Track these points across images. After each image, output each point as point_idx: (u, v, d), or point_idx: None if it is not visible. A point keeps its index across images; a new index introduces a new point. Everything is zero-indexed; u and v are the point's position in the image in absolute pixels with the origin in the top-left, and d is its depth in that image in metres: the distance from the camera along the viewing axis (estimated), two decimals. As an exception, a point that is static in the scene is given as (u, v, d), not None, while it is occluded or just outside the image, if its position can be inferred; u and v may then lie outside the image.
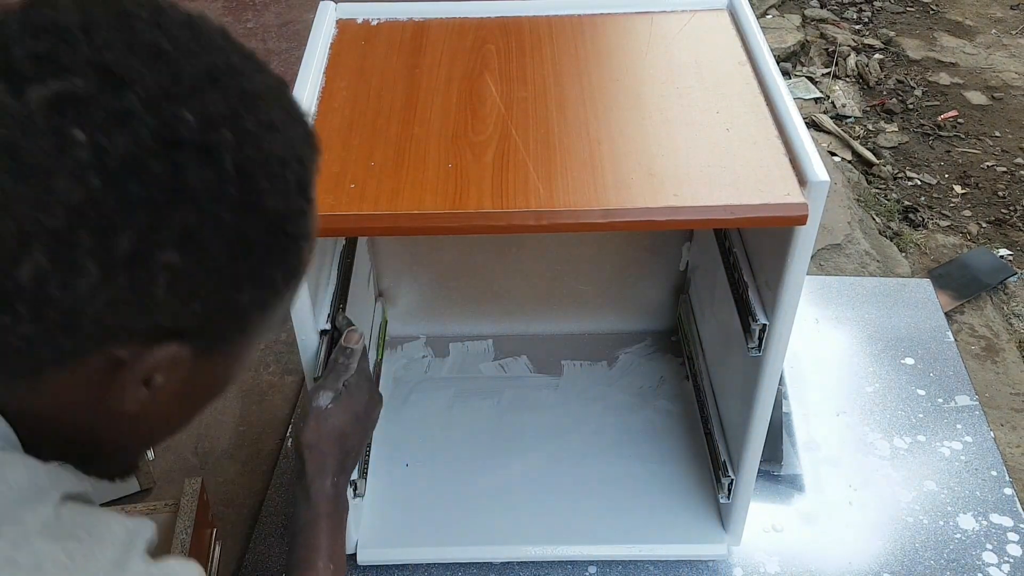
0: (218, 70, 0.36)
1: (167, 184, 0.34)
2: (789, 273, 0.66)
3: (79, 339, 0.36)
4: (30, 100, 0.33)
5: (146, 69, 0.34)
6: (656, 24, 0.82)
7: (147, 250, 0.34)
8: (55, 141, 0.33)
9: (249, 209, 0.36)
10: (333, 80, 0.75)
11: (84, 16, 0.35)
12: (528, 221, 0.62)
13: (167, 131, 0.34)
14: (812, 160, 0.63)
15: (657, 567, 0.89)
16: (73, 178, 0.33)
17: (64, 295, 0.34)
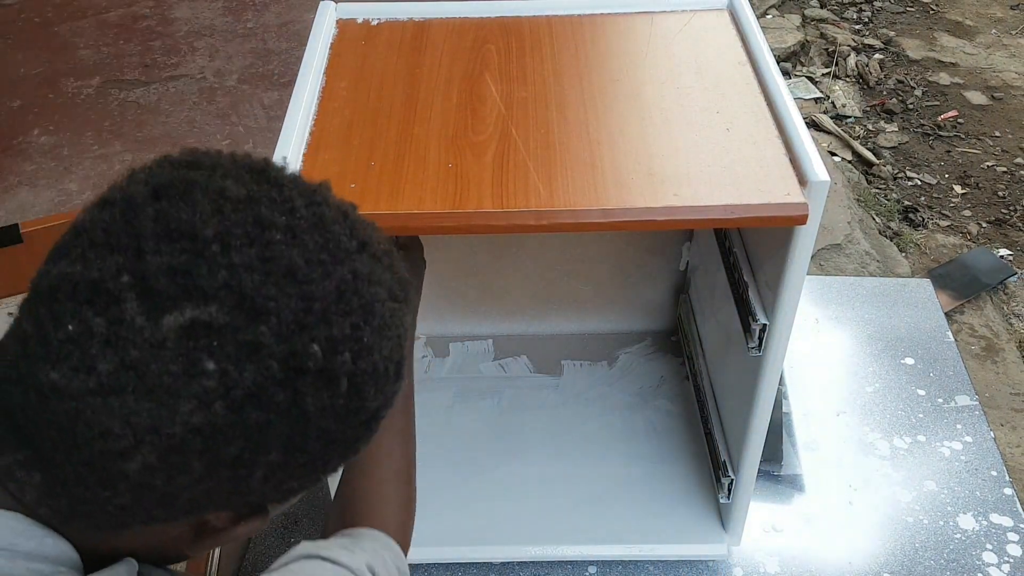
0: (344, 284, 0.36)
1: (286, 410, 0.35)
2: (789, 273, 0.66)
3: (172, 512, 0.38)
4: (164, 326, 0.33)
5: (281, 296, 0.34)
6: (656, 24, 0.82)
7: (252, 456, 0.35)
8: (184, 367, 0.33)
9: (352, 413, 0.37)
10: (333, 80, 0.75)
11: (220, 223, 0.34)
12: (528, 221, 0.62)
13: (295, 362, 0.34)
14: (812, 160, 0.63)
15: (657, 567, 0.89)
16: (198, 404, 0.33)
17: (167, 486, 0.35)
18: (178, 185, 0.36)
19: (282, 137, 0.67)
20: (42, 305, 0.34)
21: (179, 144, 2.21)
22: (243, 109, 2.31)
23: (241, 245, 0.34)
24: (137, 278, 0.33)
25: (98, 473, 0.35)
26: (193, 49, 2.52)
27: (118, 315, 0.33)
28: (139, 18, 2.66)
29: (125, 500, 0.36)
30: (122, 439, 0.33)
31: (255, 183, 0.36)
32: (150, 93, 2.36)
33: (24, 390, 0.34)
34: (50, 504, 0.36)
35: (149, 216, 0.34)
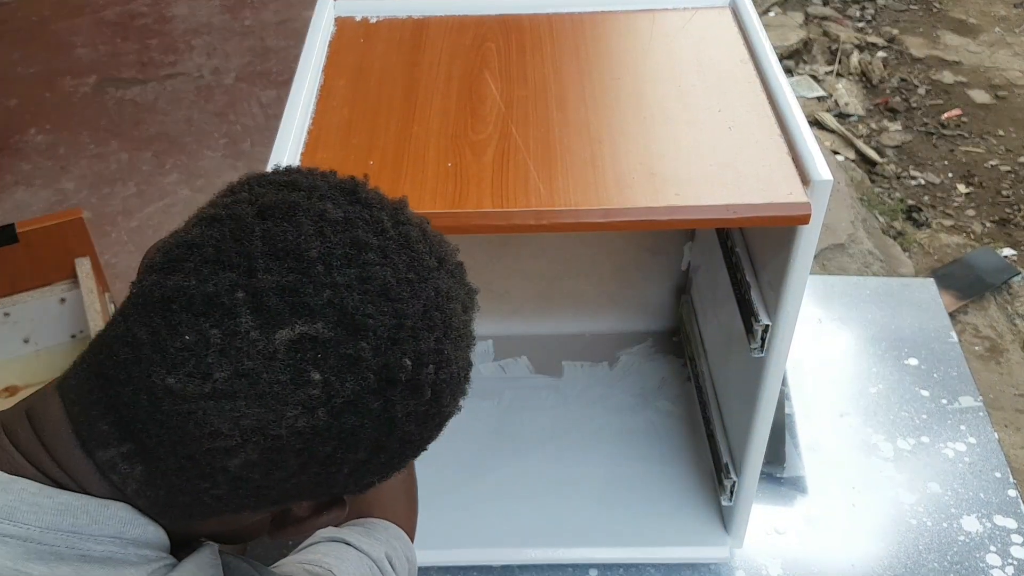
0: (431, 303, 0.40)
1: (378, 416, 0.38)
2: (792, 273, 0.66)
3: (262, 503, 0.41)
4: (276, 339, 0.36)
5: (377, 313, 0.38)
6: (657, 22, 0.82)
7: (343, 455, 0.39)
8: (293, 377, 0.36)
9: (431, 418, 0.42)
10: (332, 78, 0.75)
11: (323, 244, 0.38)
12: (528, 221, 0.61)
13: (388, 374, 0.38)
14: (815, 159, 0.63)
15: (658, 570, 0.89)
16: (303, 410, 0.37)
17: (263, 480, 0.39)
18: (282, 206, 0.39)
19: (280, 136, 0.66)
20: (156, 314, 0.37)
21: (176, 142, 2.21)
22: (241, 107, 2.30)
23: (341, 265, 0.37)
24: (250, 294, 0.36)
25: (201, 467, 0.38)
26: (191, 47, 2.52)
27: (233, 328, 0.36)
28: (136, 16, 2.65)
29: (222, 492, 0.39)
30: (230, 439, 0.37)
31: (349, 204, 0.40)
32: (147, 91, 2.35)
33: (135, 391, 0.37)
34: (149, 494, 0.39)
35: (257, 236, 0.37)
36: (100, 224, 1.93)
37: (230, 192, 0.41)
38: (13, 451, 0.39)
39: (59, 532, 0.38)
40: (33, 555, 0.37)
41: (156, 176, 2.08)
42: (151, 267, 0.39)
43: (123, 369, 0.38)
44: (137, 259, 1.24)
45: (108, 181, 2.06)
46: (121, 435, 0.38)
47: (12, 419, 0.40)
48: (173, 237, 0.40)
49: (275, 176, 0.42)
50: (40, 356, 1.35)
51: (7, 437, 0.39)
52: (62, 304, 1.33)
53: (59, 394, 0.40)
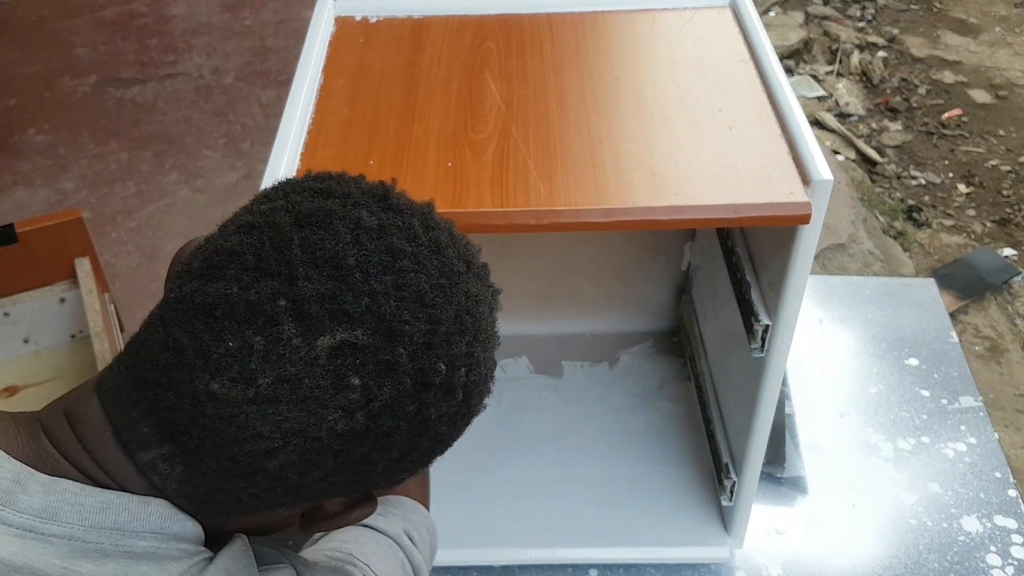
0: (462, 309, 0.41)
1: (413, 418, 0.40)
2: (792, 273, 0.66)
3: (297, 500, 0.42)
4: (318, 346, 0.37)
5: (413, 320, 0.39)
6: (658, 22, 0.81)
7: (378, 455, 0.40)
8: (333, 382, 0.38)
9: (461, 418, 0.43)
10: (332, 78, 0.74)
11: (359, 251, 0.39)
12: (528, 220, 0.61)
13: (423, 378, 0.39)
14: (815, 158, 0.62)
15: (659, 570, 0.88)
16: (343, 414, 0.38)
17: (300, 479, 0.40)
18: (318, 214, 0.39)
19: (280, 136, 0.66)
20: (199, 320, 0.38)
21: (176, 142, 2.20)
22: (240, 107, 2.30)
23: (378, 273, 0.38)
24: (292, 302, 0.37)
25: (241, 468, 0.39)
26: (190, 47, 2.52)
27: (276, 335, 0.37)
28: (136, 16, 2.65)
29: (259, 491, 0.40)
30: (271, 441, 0.38)
31: (382, 211, 0.41)
32: (147, 91, 2.35)
33: (177, 395, 0.38)
34: (188, 493, 0.40)
35: (296, 244, 0.38)
36: (100, 224, 1.93)
37: (266, 199, 0.42)
38: (54, 452, 0.40)
39: (102, 530, 0.38)
40: (79, 553, 0.38)
41: (156, 176, 2.08)
42: (190, 273, 0.40)
43: (165, 373, 0.38)
44: (137, 259, 1.25)
45: (108, 181, 2.06)
46: (162, 437, 0.39)
47: (51, 420, 0.41)
48: (211, 243, 0.41)
49: (309, 183, 0.42)
50: (40, 356, 1.35)
51: (48, 439, 0.40)
52: (62, 304, 1.33)
53: (98, 396, 0.41)
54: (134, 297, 1.75)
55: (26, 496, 0.38)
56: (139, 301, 1.75)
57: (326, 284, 0.37)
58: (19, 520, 0.37)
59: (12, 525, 0.37)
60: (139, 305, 1.74)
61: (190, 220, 1.93)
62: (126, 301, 1.72)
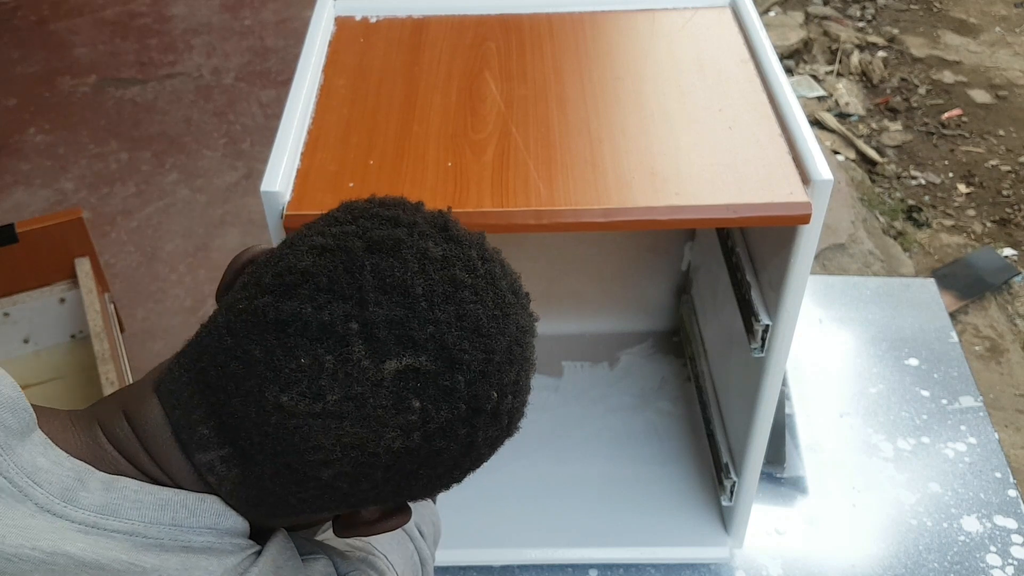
0: (513, 340, 0.43)
1: (463, 441, 0.42)
2: (792, 273, 0.66)
3: (341, 507, 0.45)
4: (385, 368, 0.39)
5: (471, 349, 0.41)
6: (658, 21, 0.81)
7: (424, 471, 0.42)
8: (395, 403, 0.40)
9: (501, 439, 0.45)
10: (332, 78, 0.74)
11: (426, 281, 0.41)
12: (528, 220, 0.61)
13: (476, 404, 0.41)
14: (815, 158, 0.62)
15: (659, 570, 0.88)
16: (401, 433, 0.40)
17: (349, 489, 0.42)
18: (388, 242, 0.42)
19: (280, 136, 0.66)
20: (271, 335, 0.40)
21: (176, 142, 2.20)
22: (240, 107, 2.30)
23: (442, 303, 0.41)
24: (362, 325, 0.39)
25: (296, 475, 0.41)
26: (190, 47, 2.52)
27: (346, 355, 0.39)
28: (136, 16, 2.65)
29: (308, 496, 0.42)
30: (330, 453, 0.40)
31: (446, 242, 0.43)
32: (147, 91, 2.35)
33: (243, 403, 0.40)
34: (241, 495, 0.42)
35: (368, 270, 0.40)
36: (100, 224, 1.93)
37: (336, 222, 0.44)
38: (112, 450, 0.41)
39: (161, 526, 0.40)
40: (141, 547, 0.39)
41: (156, 176, 2.08)
42: (260, 287, 0.42)
43: (232, 382, 0.40)
44: (137, 259, 1.24)
45: (108, 181, 2.06)
46: (222, 440, 0.41)
47: (109, 418, 0.42)
48: (281, 261, 0.42)
49: (377, 209, 0.44)
50: (40, 356, 1.35)
51: (106, 437, 0.42)
52: (62, 304, 1.33)
53: (157, 397, 0.42)
54: (134, 297, 1.75)
55: (87, 493, 0.39)
56: (139, 301, 1.74)
57: (395, 310, 0.40)
58: (82, 516, 0.39)
59: (76, 521, 0.39)
60: (139, 305, 1.74)
61: (190, 220, 1.93)
62: (126, 301, 1.72)
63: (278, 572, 0.44)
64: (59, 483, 0.39)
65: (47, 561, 0.37)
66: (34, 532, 0.38)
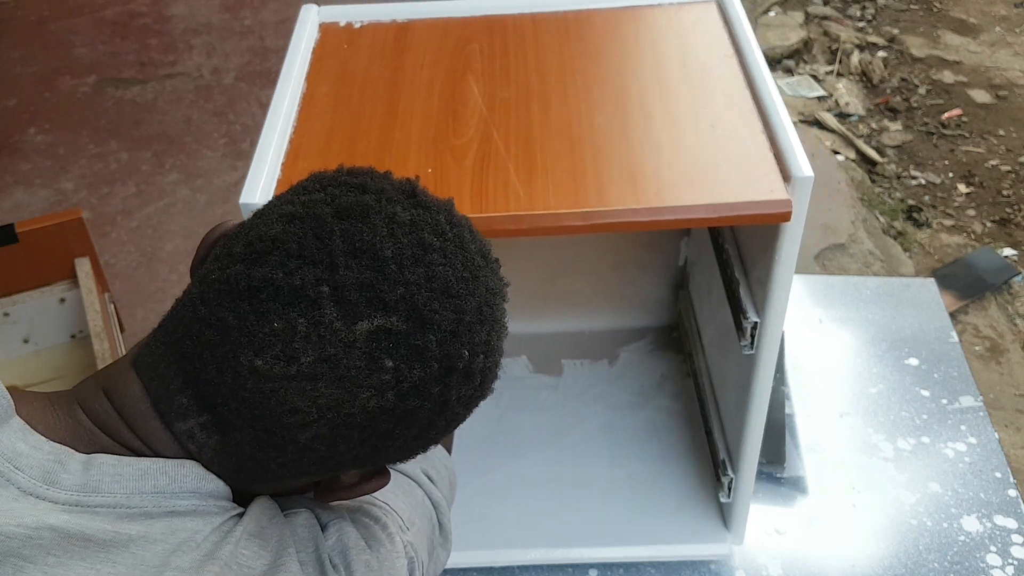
0: (483, 301, 0.44)
1: (437, 399, 0.43)
2: (777, 270, 0.65)
3: (319, 470, 0.45)
4: (357, 330, 0.40)
5: (442, 309, 0.42)
6: (642, 19, 0.81)
7: (399, 431, 0.43)
8: (369, 363, 0.40)
9: (476, 399, 0.46)
10: (315, 86, 0.74)
11: (395, 244, 0.42)
12: (508, 225, 0.61)
13: (448, 362, 0.42)
14: (797, 155, 0.62)
15: (658, 569, 0.88)
16: (376, 393, 0.41)
17: (327, 451, 0.43)
18: (357, 208, 0.42)
19: (260, 146, 0.65)
20: (244, 301, 0.40)
21: (176, 142, 2.20)
22: (240, 107, 2.30)
23: (411, 265, 0.41)
24: (333, 288, 0.40)
25: (274, 439, 0.42)
26: (190, 47, 2.52)
27: (318, 318, 0.40)
28: (135, 16, 2.65)
29: (287, 460, 0.43)
30: (307, 415, 0.40)
31: (414, 208, 0.44)
32: (147, 91, 2.35)
33: (219, 369, 0.41)
34: (221, 461, 0.43)
35: (337, 235, 0.41)
36: (100, 224, 1.93)
37: (304, 191, 0.45)
38: (91, 426, 0.42)
39: (143, 494, 0.41)
40: (125, 517, 0.40)
41: (156, 176, 2.08)
42: (231, 256, 0.42)
43: (208, 349, 0.41)
44: (137, 259, 1.25)
45: (108, 181, 2.06)
46: (200, 407, 0.42)
47: (88, 396, 0.43)
48: (252, 230, 0.43)
49: (345, 178, 0.45)
50: (40, 356, 1.35)
51: (85, 414, 0.42)
52: (62, 304, 1.33)
53: (135, 371, 0.43)
54: (134, 297, 1.75)
55: (68, 475, 0.40)
56: (139, 301, 1.74)
57: (365, 273, 0.40)
58: (65, 496, 0.40)
59: (59, 502, 0.39)
60: (139, 305, 1.74)
61: (190, 220, 1.93)
62: (126, 301, 1.72)
63: (263, 530, 0.44)
64: (39, 466, 0.40)
65: (33, 536, 0.38)
66: (18, 513, 0.38)
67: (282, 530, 0.45)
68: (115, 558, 0.39)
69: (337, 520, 0.49)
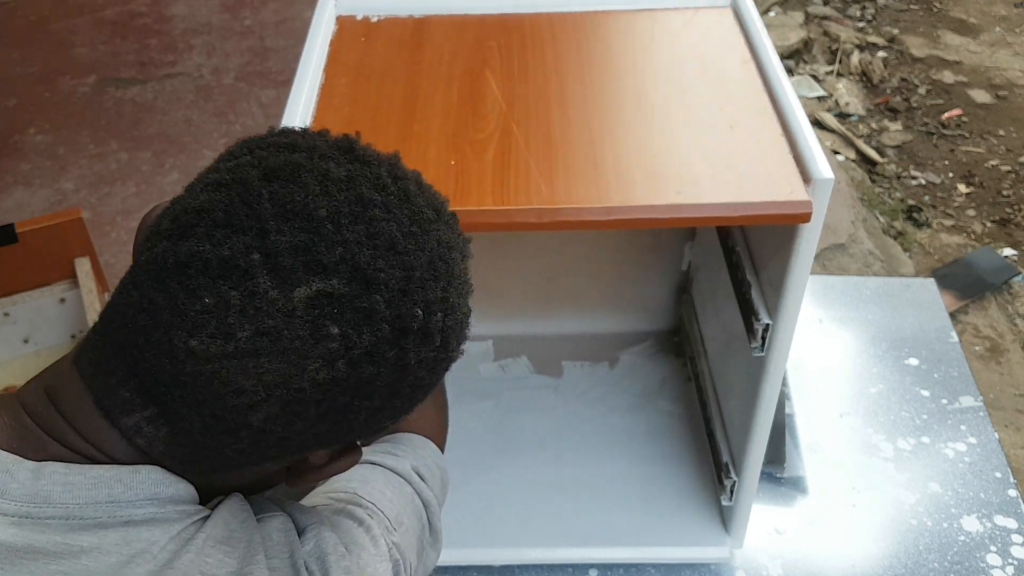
0: (435, 255, 0.41)
1: (393, 364, 0.40)
2: (792, 272, 0.66)
3: (282, 453, 0.42)
4: (295, 297, 0.37)
5: (388, 267, 0.39)
6: (659, 21, 0.82)
7: (359, 403, 0.40)
8: (312, 331, 0.38)
9: (441, 363, 0.43)
10: (333, 77, 0.74)
11: (329, 203, 0.39)
12: (530, 219, 0.61)
13: (401, 323, 0.39)
14: (816, 157, 0.62)
15: (658, 570, 0.88)
16: (323, 363, 0.38)
17: (283, 431, 0.40)
18: (286, 168, 0.39)
19: None
20: (172, 279, 0.38)
21: (176, 142, 2.20)
22: (240, 107, 2.30)
23: (349, 223, 0.38)
24: (265, 255, 0.37)
25: (225, 424, 0.39)
26: (190, 47, 2.52)
27: (252, 289, 0.37)
28: (135, 16, 2.65)
29: (244, 446, 0.40)
30: (253, 395, 0.38)
31: (349, 163, 0.41)
32: (146, 91, 2.35)
33: (156, 355, 0.38)
34: (175, 454, 0.41)
35: (265, 198, 0.38)
36: (100, 224, 1.93)
37: (231, 157, 0.41)
38: (38, 431, 0.40)
39: (97, 504, 0.39)
40: (77, 528, 0.38)
41: (156, 176, 2.08)
42: (159, 234, 0.39)
43: (142, 335, 0.38)
44: (137, 258, 1.19)
45: (108, 181, 2.06)
46: (144, 400, 0.39)
47: (32, 399, 0.41)
48: (178, 204, 0.40)
49: (273, 139, 0.42)
50: (40, 356, 1.35)
51: (30, 418, 0.40)
52: (62, 304, 1.33)
53: (76, 368, 0.41)
54: (134, 297, 1.75)
55: (17, 484, 0.38)
56: (139, 301, 1.74)
57: (298, 236, 0.38)
58: (13, 508, 0.38)
59: (7, 514, 0.38)
60: (139, 305, 1.74)
61: (190, 220, 1.93)
62: (126, 301, 1.72)
63: (230, 535, 0.42)
64: None
65: None
66: None
67: (252, 535, 0.43)
68: (65, 570, 0.37)
69: (316, 525, 0.46)
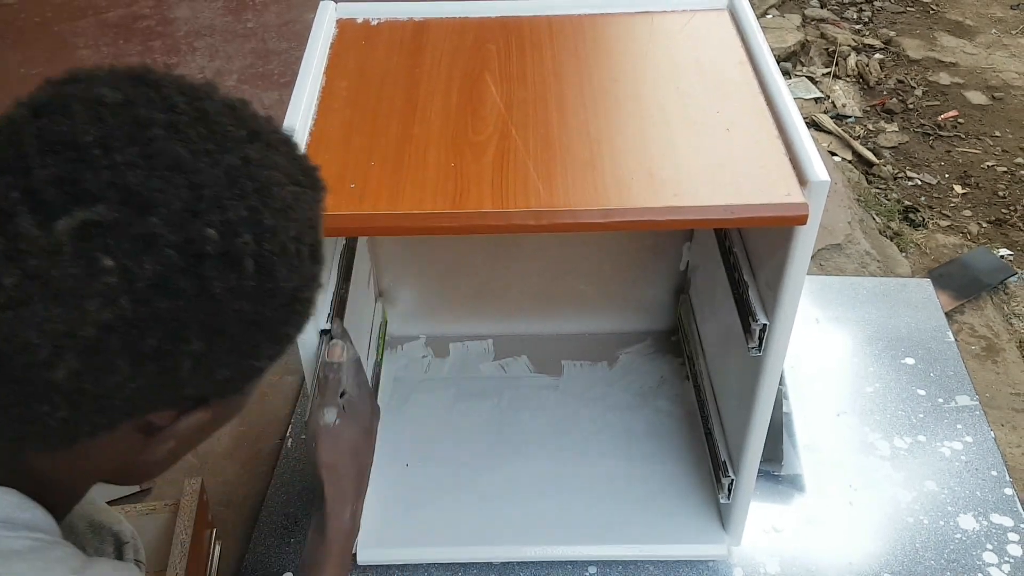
0: (234, 170, 0.38)
1: (194, 296, 0.36)
2: (789, 273, 0.66)
3: (112, 416, 0.39)
4: (57, 231, 0.34)
5: (167, 187, 0.36)
6: (656, 24, 0.82)
7: (172, 345, 0.37)
8: (85, 268, 0.34)
9: (267, 295, 0.39)
10: (333, 80, 0.75)
11: (99, 128, 0.36)
12: (528, 221, 0.62)
13: (192, 248, 0.36)
14: (812, 160, 0.63)
15: (657, 567, 0.89)
16: (104, 301, 0.35)
17: (97, 387, 0.37)
18: (56, 101, 0.37)
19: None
20: None
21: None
22: (242, 109, 2.30)
23: (122, 146, 0.36)
24: (24, 192, 0.35)
25: (28, 388, 0.36)
26: (193, 49, 2.52)
27: (13, 230, 0.34)
28: (139, 18, 2.66)
29: (64, 412, 0.37)
30: (42, 348, 0.35)
31: (131, 87, 0.38)
32: (149, 93, 2.36)
33: None
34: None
35: (31, 134, 0.36)
36: (101, 225, 1.94)
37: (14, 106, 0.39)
38: None
39: None
40: None
41: (157, 178, 2.08)
42: None
43: None
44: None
45: None
46: None
47: None
48: None
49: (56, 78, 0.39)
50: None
51: None
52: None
53: None
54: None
55: None
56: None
57: (63, 167, 0.35)
58: None
59: None
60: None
61: (191, 221, 1.93)
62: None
63: None
64: None
65: None
66: None
67: None
68: None
69: None
